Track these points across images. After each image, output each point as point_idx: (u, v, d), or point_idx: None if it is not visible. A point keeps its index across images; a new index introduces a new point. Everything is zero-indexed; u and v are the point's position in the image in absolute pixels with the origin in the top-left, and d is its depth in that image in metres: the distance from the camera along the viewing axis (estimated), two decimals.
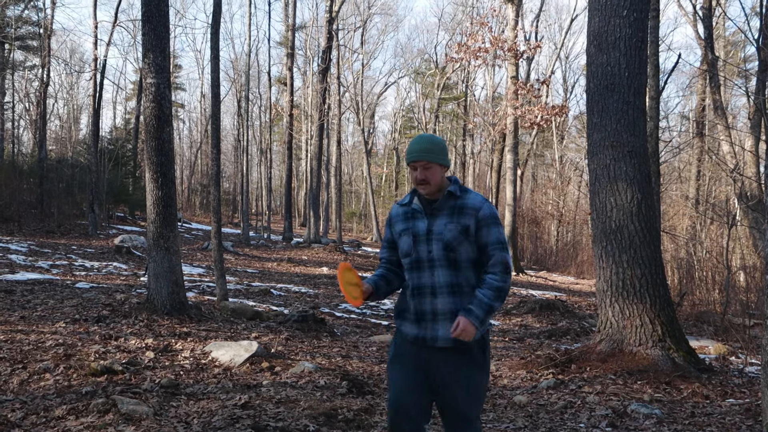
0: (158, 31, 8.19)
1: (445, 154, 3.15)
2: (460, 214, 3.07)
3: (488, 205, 3.11)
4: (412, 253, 3.12)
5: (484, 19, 25.31)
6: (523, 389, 5.99)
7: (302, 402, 5.00)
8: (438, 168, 3.11)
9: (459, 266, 3.06)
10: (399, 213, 3.27)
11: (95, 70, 24.30)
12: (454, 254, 3.04)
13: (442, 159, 3.12)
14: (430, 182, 3.09)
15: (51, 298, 9.10)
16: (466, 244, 3.05)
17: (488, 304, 2.98)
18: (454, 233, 3.04)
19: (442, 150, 3.15)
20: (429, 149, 3.11)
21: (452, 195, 3.14)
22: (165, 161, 8.20)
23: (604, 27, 6.89)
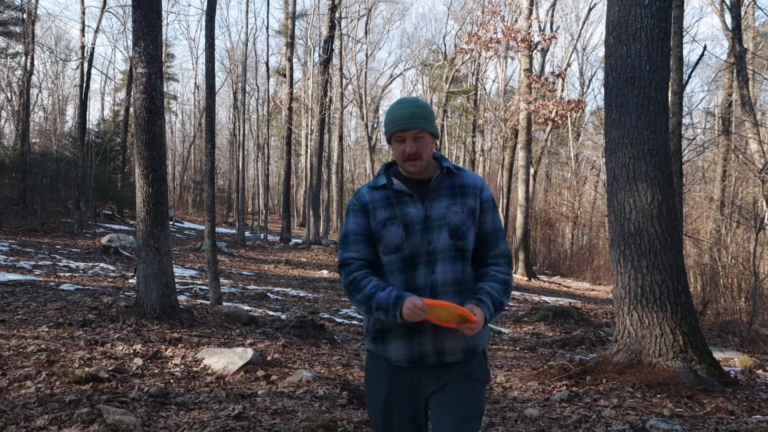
0: (150, 17, 8.20)
1: (434, 121, 2.79)
2: (463, 195, 2.75)
3: (485, 184, 2.83)
4: (404, 247, 2.67)
5: (496, 7, 25.31)
6: (534, 402, 5.99)
7: (300, 413, 5.00)
8: (429, 138, 2.72)
9: (466, 258, 2.72)
10: (376, 198, 2.78)
11: (82, 58, 24.35)
12: (463, 243, 2.69)
13: (433, 127, 2.74)
14: (422, 156, 2.70)
15: (33, 301, 9.11)
16: (473, 231, 2.73)
17: (499, 300, 2.68)
18: (462, 217, 2.70)
19: (432, 115, 2.77)
20: (419, 114, 2.70)
21: (450, 172, 2.80)
22: (156, 156, 8.21)
23: (624, 16, 6.88)
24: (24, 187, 25.38)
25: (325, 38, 29.96)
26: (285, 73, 33.66)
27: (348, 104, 43.55)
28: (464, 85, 46.30)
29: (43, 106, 47.63)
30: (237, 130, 37.90)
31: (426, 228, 2.68)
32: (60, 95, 47.44)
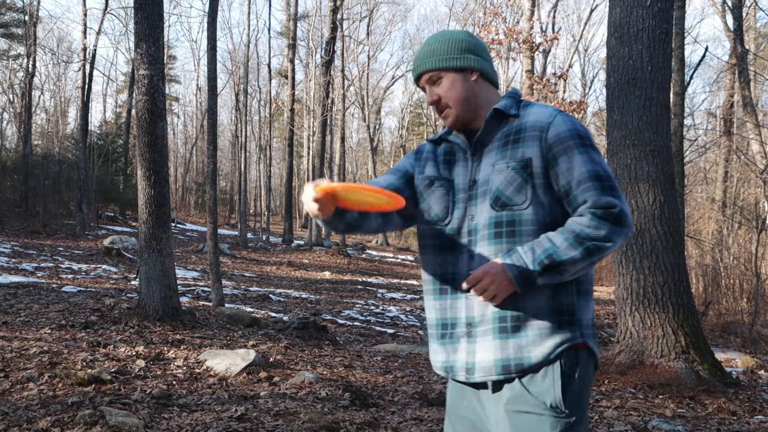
0: (151, 19, 8.21)
1: (465, 52, 2.13)
2: (515, 143, 2.07)
3: (564, 117, 2.05)
4: (448, 219, 2.14)
5: (497, 9, 25.30)
6: None
7: (302, 414, 5.00)
8: (455, 77, 2.13)
9: (516, 234, 2.02)
10: (431, 151, 2.27)
11: (84, 60, 24.38)
12: (509, 213, 2.02)
13: (458, 61, 2.12)
14: (449, 103, 2.13)
15: (35, 303, 9.13)
16: (528, 192, 2.02)
17: (549, 250, 1.94)
18: (507, 175, 2.03)
19: (456, 48, 2.14)
20: (431, 50, 2.14)
21: (502, 115, 2.14)
22: (158, 158, 8.22)
23: (626, 18, 6.89)
24: (26, 189, 25.39)
25: (327, 40, 29.99)
26: (287, 75, 33.66)
27: (350, 106, 43.58)
28: None
29: (45, 108, 47.63)
30: (239, 131, 37.90)
31: (471, 197, 2.11)
32: (62, 97, 47.47)
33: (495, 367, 2.00)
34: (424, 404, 5.70)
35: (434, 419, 5.18)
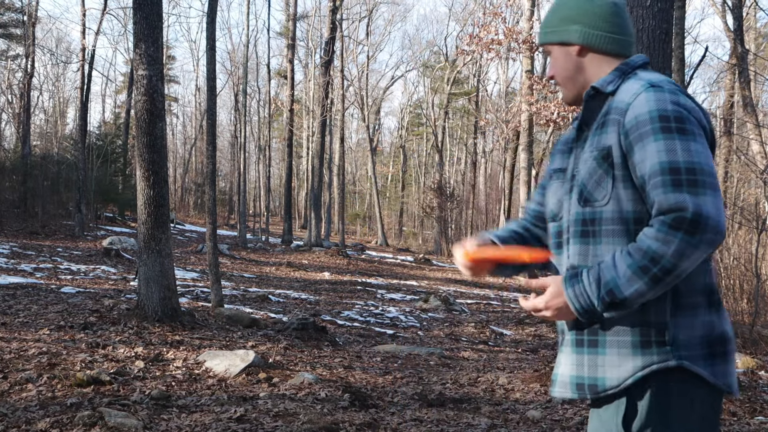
0: (150, 19, 8.21)
1: (566, 22, 1.98)
2: (602, 128, 1.88)
3: (648, 95, 1.79)
4: (560, 215, 2.00)
5: (497, 8, 25.31)
6: (536, 404, 5.99)
7: (301, 415, 5.00)
8: (558, 52, 2.01)
9: (596, 236, 1.86)
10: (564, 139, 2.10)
11: (83, 60, 24.37)
12: (591, 210, 1.86)
13: (557, 34, 2.00)
14: (558, 81, 2.03)
15: (34, 304, 9.12)
16: (609, 185, 1.83)
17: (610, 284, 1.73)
18: (589, 166, 1.87)
19: (557, 18, 2.01)
20: (545, 22, 2.04)
21: (597, 93, 1.95)
22: (157, 158, 8.22)
23: None
24: (25, 189, 25.38)
25: (327, 40, 30.01)
26: (286, 75, 33.69)
27: (349, 106, 43.63)
28: (466, 86, 46.32)
29: (44, 108, 47.64)
30: (238, 132, 37.91)
31: (570, 190, 1.95)
32: (61, 97, 47.46)
33: (570, 384, 1.88)
34: (424, 405, 5.70)
35: (434, 420, 5.18)
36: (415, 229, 51.65)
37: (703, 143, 1.75)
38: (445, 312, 13.30)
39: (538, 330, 11.60)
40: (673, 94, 1.79)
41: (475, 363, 8.20)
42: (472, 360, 8.46)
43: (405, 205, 55.48)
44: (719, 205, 1.69)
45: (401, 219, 54.14)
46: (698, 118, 1.79)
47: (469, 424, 5.13)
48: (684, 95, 1.81)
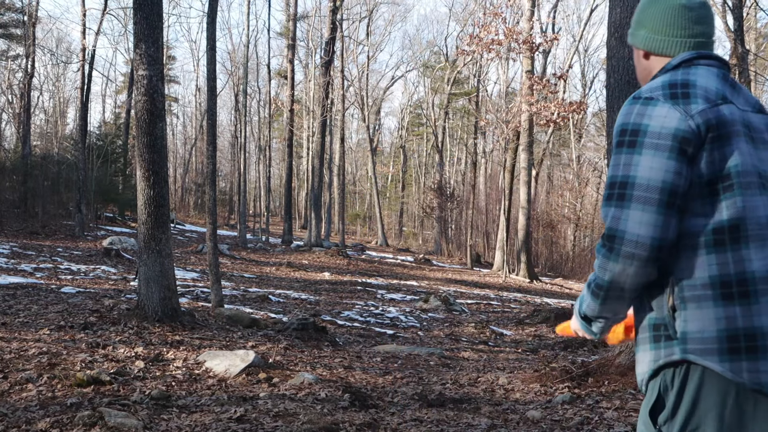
0: (151, 19, 8.21)
1: (637, 26, 2.11)
2: None
3: (623, 108, 1.92)
4: None
5: (497, 9, 25.33)
6: (536, 404, 5.99)
7: (301, 415, 5.00)
8: (635, 53, 2.14)
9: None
10: None
11: (83, 60, 24.37)
12: None
13: (631, 37, 2.13)
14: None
15: (34, 304, 9.13)
16: None
17: (579, 300, 2.06)
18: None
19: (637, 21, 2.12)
20: (633, 21, 2.15)
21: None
22: (157, 158, 8.22)
23: (626, 18, 6.89)
24: (25, 189, 25.39)
25: (327, 40, 30.02)
26: (286, 75, 33.69)
27: (349, 106, 43.63)
28: (466, 86, 46.32)
29: (44, 108, 47.66)
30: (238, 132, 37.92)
31: None
32: (61, 98, 47.47)
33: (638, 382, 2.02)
34: (424, 405, 5.70)
35: (434, 420, 5.18)
36: (415, 229, 51.68)
37: (653, 154, 1.80)
38: (445, 312, 13.31)
39: (538, 330, 11.60)
40: (646, 105, 1.86)
41: (475, 363, 8.20)
42: (472, 360, 8.46)
43: (405, 206, 55.50)
44: (645, 219, 1.77)
45: (401, 219, 54.16)
46: (666, 127, 1.81)
47: (469, 425, 5.13)
48: (664, 104, 1.84)
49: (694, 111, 1.81)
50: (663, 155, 1.79)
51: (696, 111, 1.81)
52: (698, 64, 1.95)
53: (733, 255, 1.77)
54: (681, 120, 1.80)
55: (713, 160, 1.80)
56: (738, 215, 1.78)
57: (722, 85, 1.90)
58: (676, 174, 1.78)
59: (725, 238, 1.78)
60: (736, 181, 1.79)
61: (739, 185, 1.79)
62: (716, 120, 1.81)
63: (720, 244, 1.78)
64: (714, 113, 1.82)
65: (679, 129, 1.80)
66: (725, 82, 1.92)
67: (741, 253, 1.77)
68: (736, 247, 1.77)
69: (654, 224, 1.77)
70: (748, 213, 1.78)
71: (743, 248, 1.77)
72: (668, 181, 1.77)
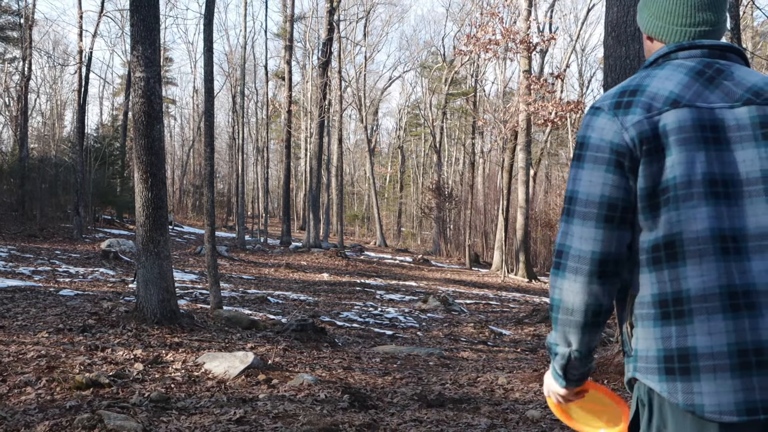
0: (147, 21, 8.21)
1: (644, 7, 2.00)
2: None
3: (585, 113, 1.92)
4: None
5: (494, 9, 25.34)
6: (536, 403, 5.99)
7: (301, 417, 5.00)
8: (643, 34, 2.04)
9: None
10: None
11: (80, 63, 24.35)
12: None
13: (639, 19, 2.04)
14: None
15: (33, 307, 9.11)
16: None
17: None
18: None
19: (642, 3, 2.02)
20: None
21: None
22: (155, 160, 8.21)
23: (623, 17, 6.90)
24: (23, 192, 25.36)
25: (324, 41, 30.02)
26: (284, 77, 33.70)
27: (347, 107, 43.61)
28: (463, 87, 46.37)
29: (42, 111, 47.66)
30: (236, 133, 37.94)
31: None
32: (58, 100, 47.47)
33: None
34: (423, 405, 5.70)
35: (433, 420, 5.18)
36: (413, 229, 51.69)
37: (592, 168, 1.78)
38: (444, 312, 13.31)
39: (537, 330, 11.60)
40: (592, 116, 1.82)
41: (474, 363, 8.20)
42: (472, 360, 8.47)
43: (403, 206, 55.50)
44: (586, 234, 1.76)
45: (400, 219, 54.17)
46: (603, 140, 1.77)
47: (468, 425, 5.13)
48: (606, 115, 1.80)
49: (629, 123, 1.75)
50: (601, 168, 1.76)
51: (631, 123, 1.75)
52: (671, 60, 1.87)
53: (670, 273, 1.72)
54: (616, 133, 1.76)
55: (651, 173, 1.73)
56: (672, 231, 1.71)
57: (688, 84, 1.78)
58: (615, 187, 1.74)
59: (661, 256, 1.73)
60: (673, 194, 1.70)
61: (676, 198, 1.70)
62: (652, 131, 1.73)
63: (657, 262, 1.73)
64: (651, 124, 1.73)
65: (614, 142, 1.75)
66: (698, 77, 1.80)
67: (677, 270, 1.71)
68: (672, 264, 1.72)
69: (594, 238, 1.75)
70: (684, 227, 1.70)
71: (680, 266, 1.71)
72: (606, 195, 1.75)
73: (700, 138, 1.72)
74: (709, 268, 1.68)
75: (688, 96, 1.76)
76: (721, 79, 1.79)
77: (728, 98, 1.77)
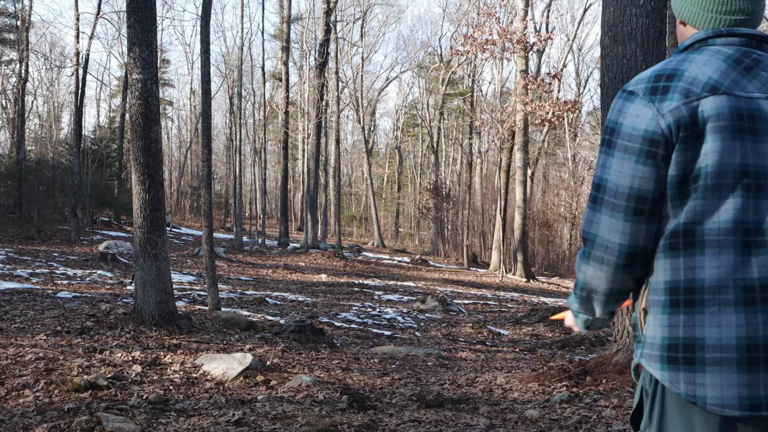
0: (144, 23, 8.20)
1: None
2: None
3: (615, 98, 1.85)
4: None
5: (491, 9, 25.35)
6: (534, 403, 5.99)
7: (300, 418, 5.00)
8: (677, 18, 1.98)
9: None
10: None
11: (77, 65, 24.33)
12: None
13: (673, 4, 1.98)
14: None
15: (31, 309, 9.10)
16: None
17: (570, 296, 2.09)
18: None
19: None
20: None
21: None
22: (152, 162, 8.21)
23: (619, 17, 6.90)
24: (20, 194, 25.34)
25: (321, 42, 30.01)
26: (281, 77, 33.67)
27: (344, 108, 43.64)
28: (460, 87, 46.33)
29: (39, 113, 47.54)
30: (233, 134, 37.91)
31: None
32: (55, 102, 47.38)
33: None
34: (422, 406, 5.70)
35: (432, 421, 5.18)
36: (411, 230, 51.68)
37: (623, 157, 1.75)
38: (443, 312, 13.31)
39: (536, 329, 11.61)
40: (625, 101, 1.79)
41: (472, 363, 8.20)
42: (470, 360, 8.47)
43: (401, 206, 55.48)
44: (614, 226, 1.76)
45: (398, 220, 54.16)
46: (636, 128, 1.74)
47: (467, 425, 5.13)
48: (641, 101, 1.76)
49: (666, 109, 1.71)
50: (632, 159, 1.74)
51: (668, 109, 1.71)
52: (709, 46, 1.82)
53: (686, 261, 1.70)
54: (651, 120, 1.72)
55: (685, 160, 1.69)
56: (693, 219, 1.69)
57: (726, 71, 1.74)
58: (646, 179, 1.72)
59: (679, 243, 1.71)
60: (703, 183, 1.67)
61: (705, 188, 1.67)
62: (690, 117, 1.69)
63: (674, 249, 1.71)
64: (689, 110, 1.69)
65: (648, 130, 1.72)
66: (736, 66, 1.75)
67: (694, 259, 1.69)
68: (689, 252, 1.70)
69: (622, 231, 1.75)
70: (707, 217, 1.67)
71: (697, 254, 1.69)
72: (635, 187, 1.73)
73: (737, 127, 1.68)
74: (728, 260, 1.66)
75: (726, 83, 1.72)
76: (759, 69, 1.76)
77: (766, 89, 1.74)
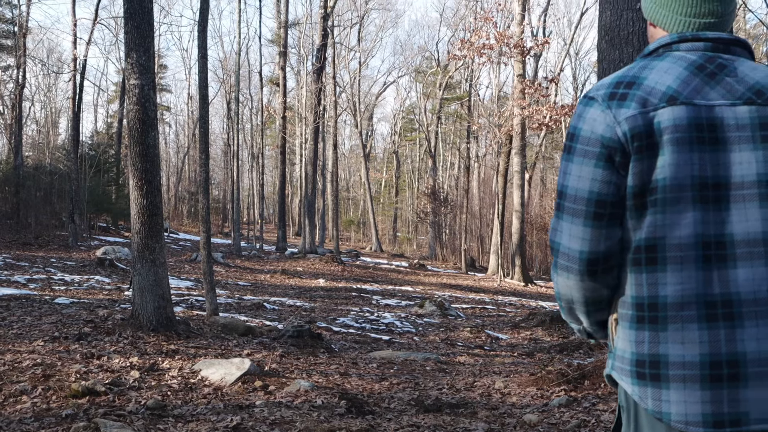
0: (142, 29, 8.21)
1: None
2: None
3: (578, 102, 1.82)
4: None
5: (488, 13, 25.40)
6: (533, 407, 5.99)
7: (298, 423, 4.99)
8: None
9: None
10: None
11: (75, 70, 24.34)
12: None
13: (644, 1, 1.91)
14: None
15: (28, 315, 9.09)
16: None
17: None
18: None
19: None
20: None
21: None
22: (150, 167, 8.20)
23: (616, 21, 6.91)
24: (17, 200, 25.32)
25: (318, 47, 30.05)
26: (278, 83, 33.69)
27: (342, 112, 43.63)
28: (458, 91, 46.39)
29: (36, 119, 47.54)
30: (231, 140, 37.89)
31: None
32: (53, 108, 47.40)
33: None
34: (420, 410, 5.69)
35: (430, 425, 5.17)
36: (409, 234, 51.72)
37: (582, 162, 1.72)
38: (441, 317, 13.30)
39: (534, 334, 11.61)
40: (585, 106, 1.76)
41: (471, 367, 8.20)
42: (468, 365, 8.46)
43: (399, 211, 55.53)
44: (574, 232, 1.73)
45: (395, 224, 54.19)
46: (594, 132, 1.71)
47: (466, 429, 5.12)
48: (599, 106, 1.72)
49: (622, 116, 1.67)
50: (590, 163, 1.70)
51: (624, 117, 1.67)
52: (673, 51, 1.77)
53: (648, 277, 1.67)
54: (608, 126, 1.68)
55: (641, 171, 1.65)
56: (654, 234, 1.65)
57: (687, 79, 1.69)
58: (604, 183, 1.68)
59: (641, 258, 1.67)
60: (661, 196, 1.63)
61: (664, 201, 1.63)
62: (646, 128, 1.65)
63: (637, 264, 1.68)
64: (645, 120, 1.65)
65: (605, 136, 1.68)
66: (699, 73, 1.70)
67: (656, 275, 1.66)
68: (651, 268, 1.67)
69: (582, 237, 1.71)
70: (668, 232, 1.64)
71: (659, 270, 1.66)
72: (595, 191, 1.69)
73: (695, 138, 1.64)
74: (689, 276, 1.63)
75: (686, 92, 1.67)
76: (723, 75, 1.70)
77: (729, 95, 1.68)
